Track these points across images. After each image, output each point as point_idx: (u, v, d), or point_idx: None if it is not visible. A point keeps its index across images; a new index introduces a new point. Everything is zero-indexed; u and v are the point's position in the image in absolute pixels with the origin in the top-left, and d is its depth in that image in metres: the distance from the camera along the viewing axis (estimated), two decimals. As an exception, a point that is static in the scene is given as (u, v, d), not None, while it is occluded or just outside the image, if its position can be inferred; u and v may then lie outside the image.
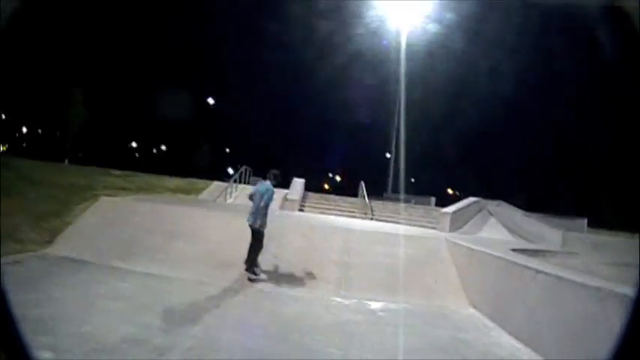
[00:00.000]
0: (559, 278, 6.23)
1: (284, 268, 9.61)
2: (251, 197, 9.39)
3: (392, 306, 8.45)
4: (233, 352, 5.36)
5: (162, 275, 8.63)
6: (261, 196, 9.18)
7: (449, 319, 7.98)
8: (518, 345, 6.53)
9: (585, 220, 22.74)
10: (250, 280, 9.14)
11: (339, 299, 8.61)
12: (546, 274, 6.61)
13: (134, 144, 65.07)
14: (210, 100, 48.10)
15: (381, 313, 7.95)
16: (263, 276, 9.36)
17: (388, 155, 41.15)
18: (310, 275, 9.46)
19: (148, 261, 9.19)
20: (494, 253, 8.80)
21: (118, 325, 5.66)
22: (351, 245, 10.79)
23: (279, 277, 9.30)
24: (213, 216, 11.92)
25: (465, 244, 10.54)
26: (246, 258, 9.17)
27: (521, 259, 8.19)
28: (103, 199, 11.56)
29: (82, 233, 10.08)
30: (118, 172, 23.52)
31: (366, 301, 8.57)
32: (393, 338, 6.59)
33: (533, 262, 7.69)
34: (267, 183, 9.39)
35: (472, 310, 8.63)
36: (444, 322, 7.77)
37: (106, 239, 9.85)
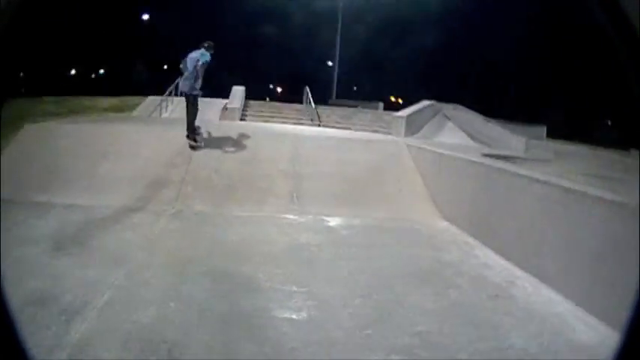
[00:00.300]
0: (564, 189, 5.06)
1: (225, 185, 8.18)
2: (184, 65, 9.23)
3: (355, 222, 7.26)
4: (164, 303, 3.98)
5: (85, 205, 7.02)
6: (195, 60, 8.98)
7: (423, 235, 6.87)
8: (512, 267, 5.44)
9: (545, 128, 22.15)
10: (192, 147, 9.05)
11: (292, 216, 7.33)
12: (545, 183, 5.46)
13: (73, 71, 60.32)
14: (145, 16, 43.60)
15: (343, 232, 6.73)
16: (203, 144, 9.32)
17: (330, 63, 39.43)
18: (257, 190, 8.09)
19: (71, 190, 7.53)
20: (472, 158, 7.67)
21: (26, 279, 4.14)
22: (301, 153, 9.42)
23: (220, 195, 7.89)
24: (145, 130, 10.22)
25: (430, 148, 9.36)
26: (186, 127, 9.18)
27: (505, 164, 7.06)
28: (28, 127, 9.50)
29: (3, 167, 8.08)
30: (50, 99, 21.22)
31: (323, 217, 7.35)
32: (363, 264, 5.37)
33: (523, 169, 6.56)
34: (202, 50, 9.16)
35: (446, 224, 7.54)
36: (417, 239, 6.66)
37: (27, 170, 7.96)
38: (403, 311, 4.18)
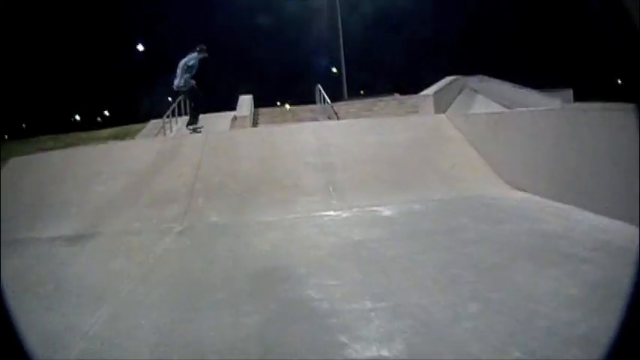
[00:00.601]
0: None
1: (244, 189, 6.63)
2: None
3: (414, 207, 5.64)
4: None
5: (72, 235, 5.57)
6: (185, 63, 9.97)
7: (502, 210, 5.24)
8: (628, 227, 3.77)
9: (571, 91, 20.57)
10: (194, 130, 9.72)
11: (333, 213, 5.71)
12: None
13: (77, 117, 60.46)
14: (140, 47, 42.37)
15: (404, 220, 5.11)
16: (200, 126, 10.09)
17: (335, 70, 38.71)
18: (283, 189, 6.53)
19: (58, 220, 6.13)
20: (542, 109, 6.05)
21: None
22: (329, 141, 7.90)
23: (238, 201, 6.33)
24: (140, 144, 8.74)
25: (480, 112, 7.77)
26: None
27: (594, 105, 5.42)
28: (14, 160, 8.30)
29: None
30: (47, 137, 20.32)
31: (373, 208, 5.72)
32: (449, 255, 3.75)
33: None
34: (194, 54, 10.16)
35: (522, 194, 5.90)
36: (499, 214, 5.03)
37: (11, 206, 6.47)
38: (545, 308, 2.58)
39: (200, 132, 9.26)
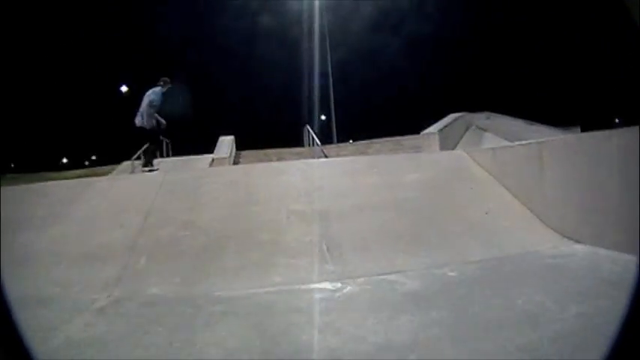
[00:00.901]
0: None
1: (202, 245, 4.84)
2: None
3: (448, 274, 3.90)
4: None
5: None
6: (148, 97, 9.48)
7: (578, 275, 3.59)
8: None
9: (579, 128, 19.69)
10: (150, 171, 8.99)
11: (329, 285, 3.87)
12: None
13: (65, 160, 60.68)
14: (124, 88, 41.54)
15: (443, 297, 3.30)
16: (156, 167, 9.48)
17: (323, 117, 38.53)
18: (257, 247, 4.72)
19: None
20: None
21: None
22: (320, 184, 6.20)
23: (193, 264, 4.51)
24: (86, 186, 7.06)
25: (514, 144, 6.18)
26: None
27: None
28: None
29: None
30: (11, 175, 20.05)
31: (388, 277, 3.93)
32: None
33: None
34: (157, 89, 9.74)
35: (583, 247, 4.35)
36: (580, 283, 3.34)
37: None
38: None
39: (154, 171, 8.60)
